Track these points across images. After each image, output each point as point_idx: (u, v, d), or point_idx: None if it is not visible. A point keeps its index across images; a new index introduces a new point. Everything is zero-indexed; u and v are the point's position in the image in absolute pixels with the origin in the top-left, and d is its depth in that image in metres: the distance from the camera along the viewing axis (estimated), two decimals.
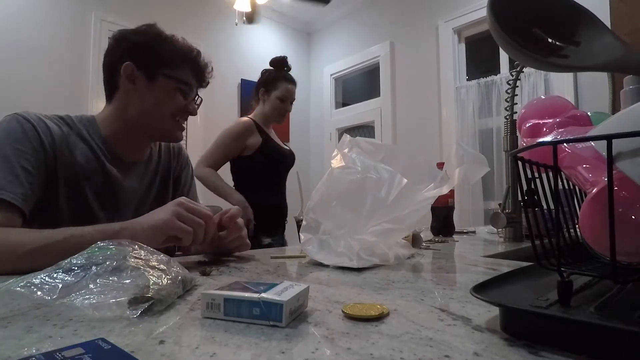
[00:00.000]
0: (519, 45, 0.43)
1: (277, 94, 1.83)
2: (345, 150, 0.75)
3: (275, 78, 1.86)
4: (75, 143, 0.80)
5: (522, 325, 0.30)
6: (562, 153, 0.38)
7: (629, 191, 0.31)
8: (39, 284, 0.37)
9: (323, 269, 0.62)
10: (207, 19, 3.73)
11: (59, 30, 2.97)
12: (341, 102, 4.34)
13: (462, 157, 0.67)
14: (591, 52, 0.45)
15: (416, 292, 0.46)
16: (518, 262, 0.67)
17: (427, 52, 3.34)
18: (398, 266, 0.64)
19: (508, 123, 1.05)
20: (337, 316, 0.36)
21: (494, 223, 1.01)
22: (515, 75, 1.02)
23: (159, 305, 0.38)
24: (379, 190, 0.67)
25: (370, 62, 3.89)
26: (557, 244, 0.33)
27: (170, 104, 0.87)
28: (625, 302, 0.32)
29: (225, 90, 3.84)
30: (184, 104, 0.89)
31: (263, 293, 0.35)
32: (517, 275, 0.41)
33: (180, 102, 0.88)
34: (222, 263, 0.67)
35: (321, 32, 4.48)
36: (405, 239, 0.78)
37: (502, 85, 2.82)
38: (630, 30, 1.52)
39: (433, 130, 3.28)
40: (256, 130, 1.82)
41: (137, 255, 0.44)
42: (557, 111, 0.48)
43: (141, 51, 0.85)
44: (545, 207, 0.37)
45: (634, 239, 0.31)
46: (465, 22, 3.07)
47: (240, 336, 0.31)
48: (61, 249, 0.55)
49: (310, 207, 0.70)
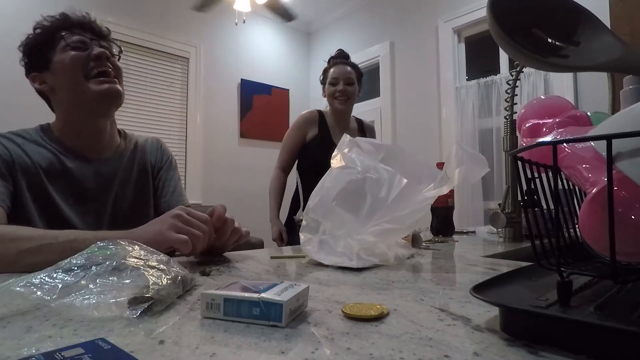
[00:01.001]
0: (518, 45, 0.43)
1: (328, 80, 1.78)
2: (345, 150, 0.75)
3: (326, 69, 1.84)
4: (32, 149, 0.84)
5: (522, 325, 0.30)
6: (561, 153, 0.38)
7: (629, 191, 0.31)
8: (39, 284, 0.37)
9: (323, 269, 0.62)
10: (207, 19, 3.73)
11: None
12: None
13: (462, 158, 0.67)
14: (591, 52, 0.45)
15: (416, 292, 0.46)
16: (518, 262, 0.67)
17: (427, 52, 3.35)
18: (398, 266, 0.64)
19: (508, 123, 1.05)
20: (337, 316, 0.36)
21: (494, 223, 1.01)
22: (515, 75, 1.02)
23: (158, 305, 0.38)
24: (379, 190, 0.67)
25: (370, 62, 3.89)
26: (556, 244, 0.33)
27: (73, 66, 0.84)
28: (624, 302, 0.33)
29: (225, 90, 3.84)
30: (84, 55, 0.85)
31: (263, 293, 0.35)
32: (516, 275, 0.41)
33: (79, 57, 0.85)
34: (222, 263, 0.67)
35: (321, 32, 4.48)
36: (405, 239, 0.78)
37: (501, 85, 2.82)
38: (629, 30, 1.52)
39: (433, 130, 3.28)
40: (317, 122, 1.79)
41: (136, 255, 0.44)
42: (556, 111, 0.48)
43: (28, 58, 0.89)
44: (545, 207, 0.37)
45: (633, 239, 0.31)
46: (465, 22, 3.07)
47: (240, 336, 0.31)
48: (63, 250, 0.58)
49: (310, 207, 0.70)
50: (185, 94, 3.64)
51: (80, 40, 0.86)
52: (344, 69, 1.76)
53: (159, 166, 1.03)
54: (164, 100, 3.52)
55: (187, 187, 3.60)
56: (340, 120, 1.81)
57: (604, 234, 0.29)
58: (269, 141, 4.03)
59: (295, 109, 4.28)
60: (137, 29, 3.33)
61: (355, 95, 1.79)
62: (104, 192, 0.90)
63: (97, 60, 0.86)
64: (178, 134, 3.60)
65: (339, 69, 1.76)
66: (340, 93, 1.74)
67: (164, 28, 3.48)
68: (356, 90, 1.79)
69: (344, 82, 1.74)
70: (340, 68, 1.76)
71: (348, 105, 1.78)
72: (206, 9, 3.06)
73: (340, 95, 1.74)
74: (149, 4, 3.42)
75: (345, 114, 1.82)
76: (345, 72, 1.76)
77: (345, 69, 1.76)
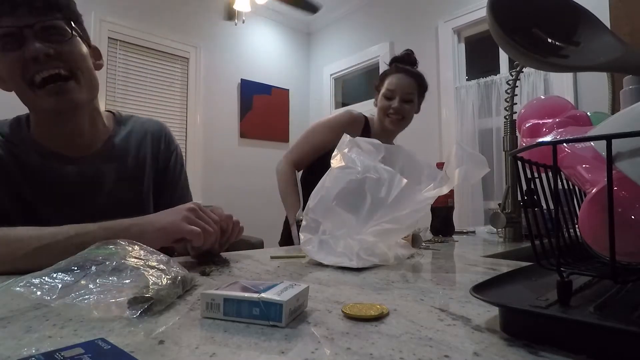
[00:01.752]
0: (518, 45, 0.43)
1: (382, 91, 1.44)
2: (345, 150, 0.75)
3: (385, 73, 1.47)
4: (7, 148, 0.73)
5: (522, 325, 0.30)
6: (561, 153, 0.38)
7: (629, 191, 0.31)
8: (39, 284, 0.37)
9: (323, 269, 0.62)
10: (207, 19, 3.73)
11: None
12: (341, 102, 4.34)
13: (462, 158, 0.67)
14: (591, 52, 0.45)
15: (416, 292, 0.46)
16: (518, 262, 0.67)
17: (427, 52, 3.34)
18: (398, 266, 0.64)
19: (508, 123, 1.05)
20: (337, 316, 0.36)
21: (494, 223, 1.01)
22: (515, 75, 1.02)
23: (158, 305, 0.38)
24: (379, 190, 0.67)
25: (370, 62, 3.89)
26: (556, 244, 0.33)
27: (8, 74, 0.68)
28: (624, 302, 0.33)
29: (225, 90, 3.84)
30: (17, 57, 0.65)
31: (263, 293, 0.35)
32: (516, 275, 0.41)
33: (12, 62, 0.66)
34: (222, 263, 0.67)
35: (321, 32, 4.48)
36: (405, 239, 0.78)
37: (501, 85, 2.82)
38: (629, 30, 1.52)
39: (433, 130, 3.28)
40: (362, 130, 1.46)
41: (136, 255, 0.44)
42: (556, 111, 0.48)
43: None
44: (545, 207, 0.37)
45: (633, 239, 0.31)
46: (465, 22, 3.07)
47: (240, 336, 0.31)
48: (65, 248, 0.54)
49: (310, 207, 0.70)
50: (185, 94, 3.64)
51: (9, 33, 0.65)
52: (405, 82, 1.41)
53: (162, 161, 0.90)
54: (164, 100, 3.52)
55: None
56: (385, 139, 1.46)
57: (604, 234, 0.29)
58: (269, 141, 4.03)
59: (295, 109, 4.28)
60: (137, 29, 3.33)
61: (411, 115, 1.48)
62: (90, 195, 0.78)
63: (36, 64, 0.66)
64: (178, 134, 3.60)
65: (400, 79, 1.41)
66: (394, 111, 1.41)
67: (164, 28, 3.48)
68: (414, 109, 1.48)
69: (401, 98, 1.41)
70: (401, 79, 1.41)
71: (401, 127, 1.49)
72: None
73: (394, 113, 1.42)
74: (149, 4, 3.42)
75: (394, 134, 1.54)
76: (406, 85, 1.41)
77: (405, 82, 1.41)
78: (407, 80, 1.41)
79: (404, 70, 1.43)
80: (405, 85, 1.41)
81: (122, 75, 3.28)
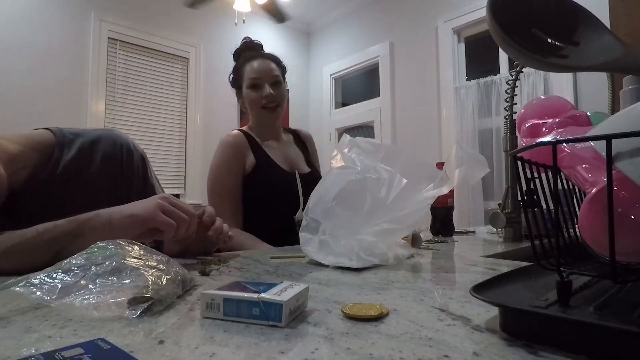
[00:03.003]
0: (518, 45, 0.43)
1: (246, 83, 1.28)
2: (345, 150, 0.75)
3: (237, 66, 1.34)
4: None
5: (522, 325, 0.30)
6: (561, 153, 0.38)
7: (628, 191, 0.31)
8: (38, 284, 0.37)
9: (322, 269, 0.62)
10: (207, 19, 3.73)
11: (58, 31, 2.97)
12: (341, 102, 4.35)
13: (462, 158, 0.67)
14: (590, 52, 0.45)
15: (415, 292, 0.46)
16: (517, 262, 0.67)
17: (427, 52, 3.35)
18: (397, 266, 0.64)
19: (507, 123, 1.05)
20: (337, 316, 0.36)
21: (494, 223, 1.01)
22: (514, 76, 1.02)
23: (158, 305, 0.38)
24: (379, 190, 0.67)
25: (369, 62, 3.89)
26: (556, 244, 0.33)
27: None
28: (624, 302, 0.33)
29: (225, 90, 3.83)
30: None
31: (262, 293, 0.35)
32: (516, 275, 0.41)
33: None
34: (222, 263, 0.67)
35: (321, 32, 4.48)
36: (405, 239, 0.78)
37: (501, 85, 2.82)
38: (629, 30, 1.52)
39: (432, 130, 3.28)
40: (246, 140, 1.28)
41: (136, 256, 0.44)
42: (556, 111, 0.48)
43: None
44: (545, 207, 0.37)
45: (633, 239, 0.31)
46: (464, 22, 3.07)
47: (240, 336, 0.31)
48: (36, 245, 0.55)
49: (310, 207, 0.70)
50: (185, 94, 3.64)
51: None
52: (266, 65, 1.28)
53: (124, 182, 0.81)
54: (164, 100, 3.52)
55: (187, 187, 3.60)
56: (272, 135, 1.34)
57: (604, 234, 0.29)
58: None
59: (295, 109, 4.28)
60: (137, 29, 3.33)
61: (285, 99, 1.34)
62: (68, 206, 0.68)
63: None
64: (178, 134, 3.60)
65: (258, 65, 1.28)
66: (268, 99, 1.26)
67: (163, 28, 3.48)
68: (285, 92, 1.34)
69: (270, 82, 1.27)
70: (259, 63, 1.28)
71: (279, 114, 1.32)
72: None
73: (270, 101, 1.27)
74: (148, 4, 3.42)
75: (277, 125, 1.36)
76: (269, 69, 1.28)
77: (267, 65, 1.28)
78: (266, 63, 1.29)
79: (258, 55, 1.31)
80: (267, 69, 1.27)
81: (122, 75, 3.28)
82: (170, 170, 3.53)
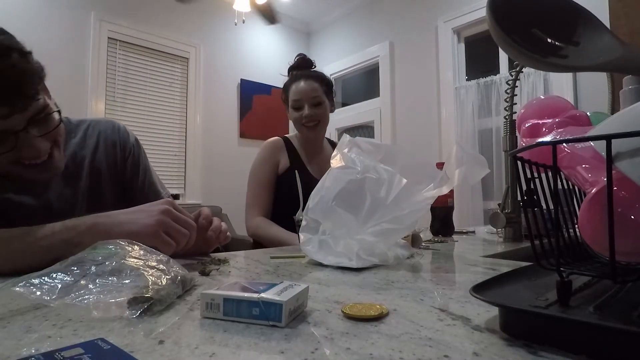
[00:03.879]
0: (518, 45, 0.43)
1: (290, 104, 1.42)
2: (345, 150, 0.75)
3: (286, 85, 1.45)
4: None
5: (522, 325, 0.30)
6: (561, 153, 0.38)
7: (628, 191, 0.31)
8: (38, 284, 0.37)
9: (322, 269, 0.62)
10: (207, 19, 3.73)
11: (58, 31, 2.97)
12: (340, 102, 4.35)
13: (462, 158, 0.67)
14: (590, 52, 0.45)
15: (415, 292, 0.46)
16: (517, 262, 0.67)
17: (427, 52, 3.35)
18: (397, 266, 0.64)
19: (507, 123, 1.05)
20: (337, 316, 0.36)
21: (494, 223, 1.01)
22: (514, 76, 1.02)
23: (158, 305, 0.38)
24: (379, 190, 0.67)
25: (369, 62, 3.89)
26: (556, 244, 0.33)
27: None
28: (624, 302, 0.33)
29: (225, 90, 3.84)
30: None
31: (262, 293, 0.35)
32: (516, 275, 0.41)
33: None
34: (222, 263, 0.67)
35: (320, 32, 4.48)
36: (405, 239, 0.78)
37: (501, 85, 2.82)
38: (628, 30, 1.52)
39: (432, 130, 3.28)
40: (285, 149, 1.44)
41: (136, 256, 0.44)
42: (556, 111, 0.48)
43: None
44: (545, 207, 0.37)
45: (633, 239, 0.31)
46: (464, 22, 3.07)
47: (240, 336, 0.31)
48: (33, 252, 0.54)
49: (310, 207, 0.70)
50: (185, 94, 3.64)
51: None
52: (307, 87, 1.38)
53: (121, 162, 0.86)
54: (164, 100, 3.52)
55: (187, 187, 3.60)
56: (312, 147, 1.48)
57: (604, 233, 0.29)
58: None
59: None
60: (137, 29, 3.33)
61: (326, 116, 1.44)
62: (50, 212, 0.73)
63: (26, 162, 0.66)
64: (178, 134, 3.60)
65: (300, 86, 1.38)
66: (307, 119, 1.38)
67: (163, 28, 3.48)
68: (327, 109, 1.43)
69: (309, 103, 1.38)
70: (301, 85, 1.38)
71: (320, 131, 1.44)
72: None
73: (308, 120, 1.38)
74: (148, 4, 3.42)
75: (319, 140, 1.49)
76: (309, 90, 1.38)
77: (307, 86, 1.38)
78: (308, 84, 1.39)
79: (302, 75, 1.41)
80: (308, 90, 1.38)
81: (121, 75, 3.28)
82: (170, 170, 3.53)
